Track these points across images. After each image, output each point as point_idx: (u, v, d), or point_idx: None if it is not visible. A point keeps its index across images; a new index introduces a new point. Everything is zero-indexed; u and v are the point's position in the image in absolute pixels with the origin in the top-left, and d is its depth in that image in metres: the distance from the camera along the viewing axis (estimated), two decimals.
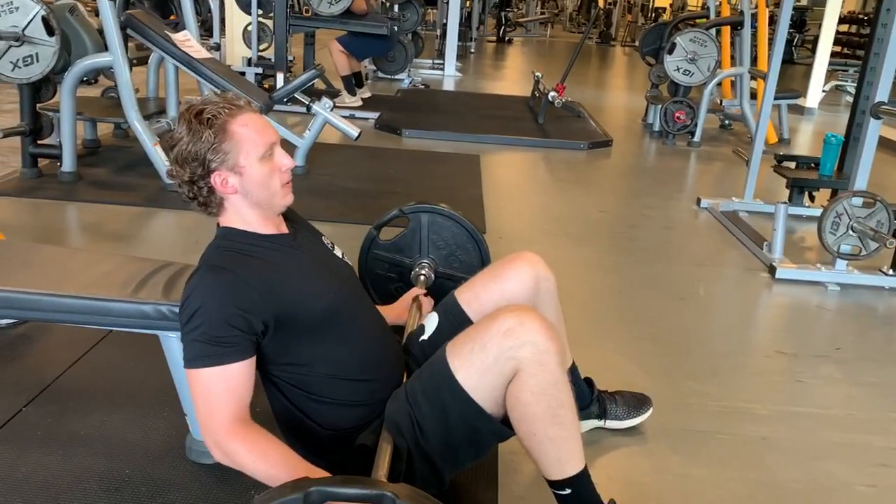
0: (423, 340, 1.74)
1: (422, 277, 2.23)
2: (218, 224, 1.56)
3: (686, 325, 2.81)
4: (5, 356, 2.16)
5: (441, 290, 2.17)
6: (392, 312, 1.97)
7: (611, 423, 2.00)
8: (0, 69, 3.57)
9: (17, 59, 3.57)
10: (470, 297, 1.77)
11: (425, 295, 2.07)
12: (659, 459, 1.94)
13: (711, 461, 1.95)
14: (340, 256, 1.71)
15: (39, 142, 3.85)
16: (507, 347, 1.38)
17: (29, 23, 3.52)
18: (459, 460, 1.52)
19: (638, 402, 2.03)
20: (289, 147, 4.35)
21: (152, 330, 1.67)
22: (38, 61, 3.59)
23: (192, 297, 1.40)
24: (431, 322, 1.76)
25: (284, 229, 1.60)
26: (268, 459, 1.35)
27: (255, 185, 1.49)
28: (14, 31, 3.51)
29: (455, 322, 1.71)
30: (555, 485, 1.47)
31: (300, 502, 1.06)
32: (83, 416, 1.90)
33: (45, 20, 3.53)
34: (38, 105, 3.83)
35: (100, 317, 1.66)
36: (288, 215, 1.65)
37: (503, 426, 1.45)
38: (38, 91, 3.83)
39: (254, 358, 1.42)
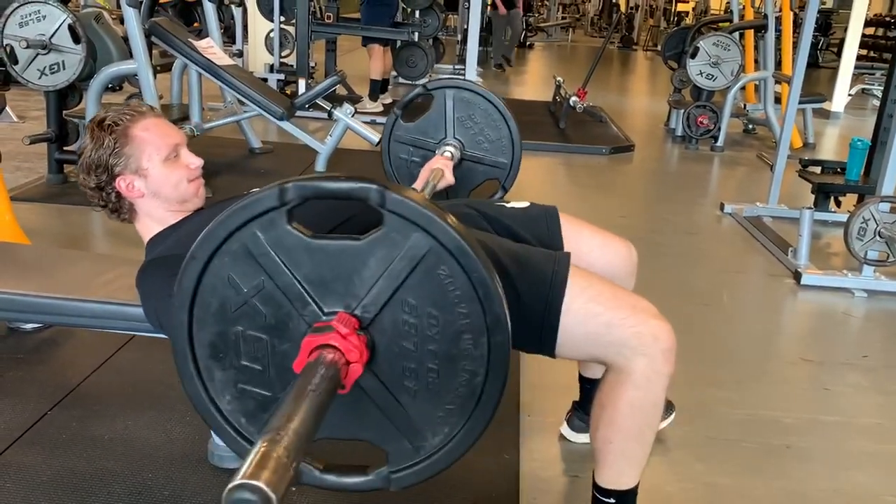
0: (503, 205, 1.69)
1: (447, 153, 2.11)
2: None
3: (709, 331, 2.78)
4: (31, 360, 2.19)
5: (468, 174, 2.08)
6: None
7: None
8: (27, 76, 3.62)
9: (44, 67, 3.62)
10: (572, 222, 1.70)
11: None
12: (682, 468, 1.92)
13: (736, 470, 1.92)
14: None
15: (65, 148, 3.90)
16: (628, 346, 1.33)
17: (56, 31, 3.57)
18: None
19: None
20: (310, 153, 4.37)
21: None
22: (64, 69, 3.64)
23: (146, 305, 1.46)
24: (521, 203, 1.71)
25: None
26: None
27: (161, 186, 1.51)
28: (41, 39, 3.56)
29: (544, 220, 1.66)
30: (601, 491, 1.45)
31: (274, 199, 0.94)
32: (107, 419, 1.91)
33: (71, 28, 3.58)
34: (64, 112, 3.88)
35: (123, 321, 1.68)
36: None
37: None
38: (65, 98, 3.88)
39: None
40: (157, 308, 1.41)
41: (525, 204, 1.72)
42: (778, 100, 6.16)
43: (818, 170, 4.17)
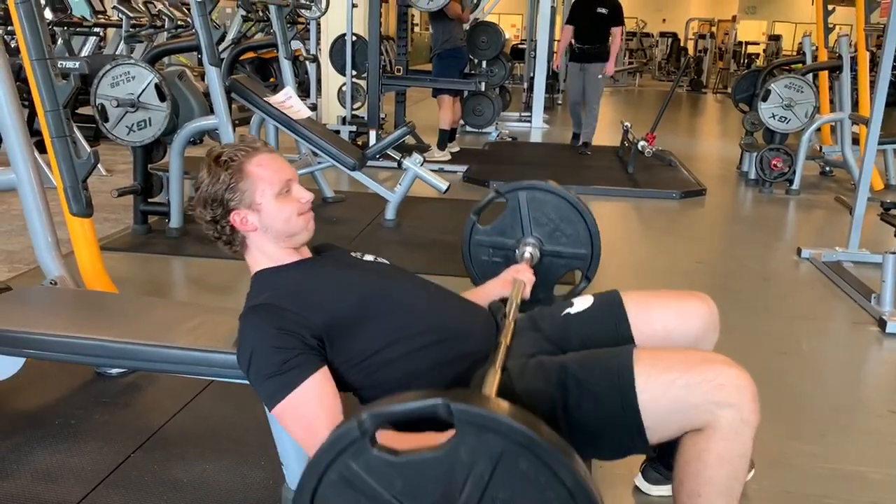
0: (568, 314, 1.71)
1: (526, 255, 2.14)
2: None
3: (789, 381, 2.69)
4: (116, 404, 2.28)
5: (550, 269, 2.08)
6: (493, 287, 1.93)
7: None
8: (117, 133, 3.84)
9: (132, 124, 3.83)
10: (637, 300, 1.71)
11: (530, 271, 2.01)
12: None
13: None
14: (372, 259, 1.75)
15: (150, 200, 4.09)
16: (713, 401, 1.33)
17: (143, 90, 3.79)
18: (586, 451, 1.49)
19: None
20: (381, 201, 4.47)
21: None
22: (150, 125, 3.84)
23: (243, 346, 1.47)
24: (584, 301, 1.73)
25: (308, 255, 1.67)
26: None
27: (273, 220, 1.57)
28: (130, 97, 3.78)
29: (609, 313, 1.68)
30: None
31: (355, 431, 1.02)
32: (186, 463, 1.97)
33: (157, 87, 3.79)
34: (149, 165, 4.08)
35: (203, 367, 1.73)
36: (320, 249, 1.73)
37: (651, 448, 1.40)
38: (150, 152, 4.08)
39: (324, 367, 1.44)
40: (251, 356, 1.44)
41: (588, 302, 1.73)
42: (856, 141, 5.98)
43: None
